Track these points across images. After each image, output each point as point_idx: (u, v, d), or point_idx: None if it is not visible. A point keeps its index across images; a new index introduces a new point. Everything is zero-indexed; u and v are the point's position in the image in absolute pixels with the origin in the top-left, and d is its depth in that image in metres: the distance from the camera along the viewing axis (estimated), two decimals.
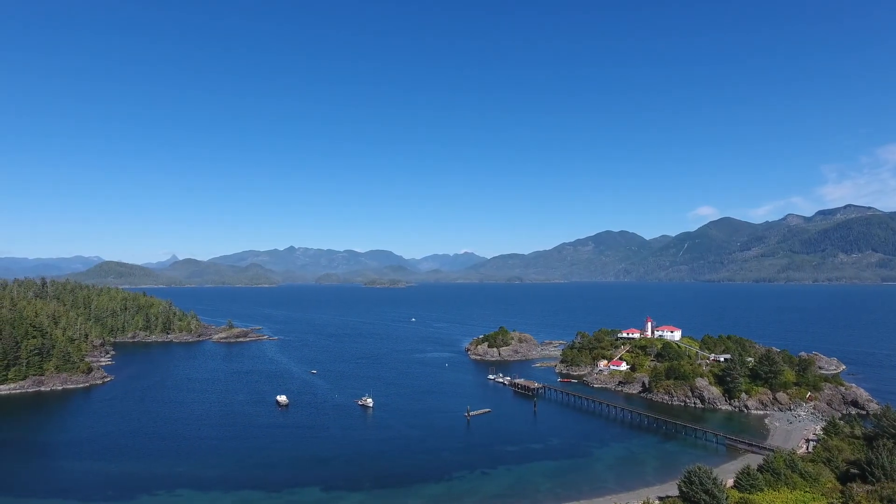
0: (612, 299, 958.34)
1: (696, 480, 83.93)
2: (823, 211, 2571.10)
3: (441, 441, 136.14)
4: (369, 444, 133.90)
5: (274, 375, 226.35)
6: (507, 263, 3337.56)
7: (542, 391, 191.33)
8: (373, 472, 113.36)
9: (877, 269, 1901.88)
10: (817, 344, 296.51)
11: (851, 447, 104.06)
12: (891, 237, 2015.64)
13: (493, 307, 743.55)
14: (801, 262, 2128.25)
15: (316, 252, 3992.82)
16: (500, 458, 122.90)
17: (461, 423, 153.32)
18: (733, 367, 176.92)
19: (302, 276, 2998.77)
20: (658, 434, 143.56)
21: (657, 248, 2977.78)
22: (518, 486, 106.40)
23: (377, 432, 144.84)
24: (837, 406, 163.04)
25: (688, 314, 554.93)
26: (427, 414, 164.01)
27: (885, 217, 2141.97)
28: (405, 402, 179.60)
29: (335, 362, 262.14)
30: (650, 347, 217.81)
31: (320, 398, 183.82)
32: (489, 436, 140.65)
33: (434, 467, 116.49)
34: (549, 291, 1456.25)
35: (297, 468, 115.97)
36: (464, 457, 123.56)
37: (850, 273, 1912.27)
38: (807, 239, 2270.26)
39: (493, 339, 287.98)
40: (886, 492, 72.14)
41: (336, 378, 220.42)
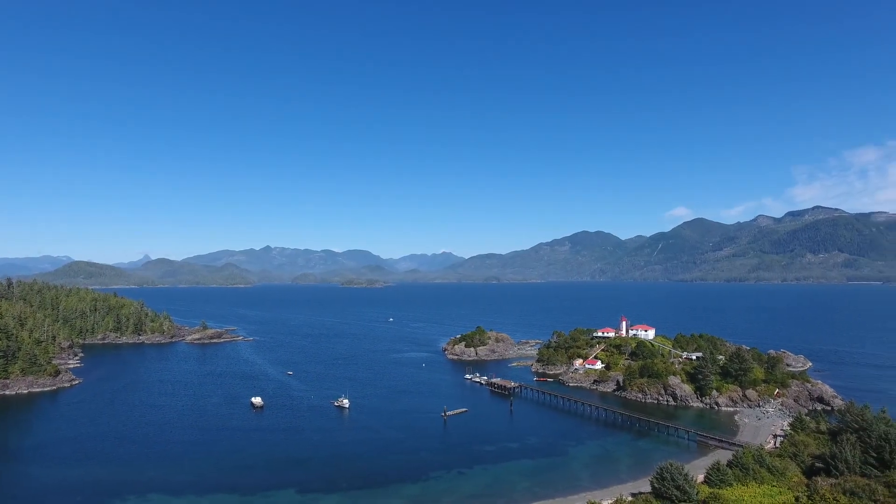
0: (587, 299, 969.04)
1: (667, 477, 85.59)
2: (793, 212, 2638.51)
3: (418, 441, 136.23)
4: (345, 445, 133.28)
5: (249, 377, 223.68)
6: (485, 263, 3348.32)
7: (519, 390, 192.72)
8: (349, 473, 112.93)
9: (843, 269, 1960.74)
10: (785, 342, 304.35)
11: (817, 442, 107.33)
12: (856, 238, 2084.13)
13: (470, 307, 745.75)
14: (771, 262, 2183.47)
15: (293, 252, 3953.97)
16: (478, 457, 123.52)
17: (438, 423, 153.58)
18: (705, 365, 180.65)
19: (278, 276, 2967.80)
20: (632, 432, 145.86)
21: (632, 249, 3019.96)
22: (495, 486, 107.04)
23: (353, 433, 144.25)
24: (804, 402, 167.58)
25: (661, 313, 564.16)
26: (404, 414, 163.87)
27: (851, 218, 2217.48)
28: (382, 402, 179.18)
29: (311, 363, 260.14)
30: (624, 346, 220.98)
31: (296, 399, 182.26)
32: (466, 435, 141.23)
33: (411, 467, 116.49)
34: (526, 291, 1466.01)
35: (273, 471, 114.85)
36: (441, 457, 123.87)
37: (817, 273, 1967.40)
38: (776, 239, 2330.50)
39: (471, 338, 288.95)
40: (849, 485, 74.53)
41: (312, 379, 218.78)
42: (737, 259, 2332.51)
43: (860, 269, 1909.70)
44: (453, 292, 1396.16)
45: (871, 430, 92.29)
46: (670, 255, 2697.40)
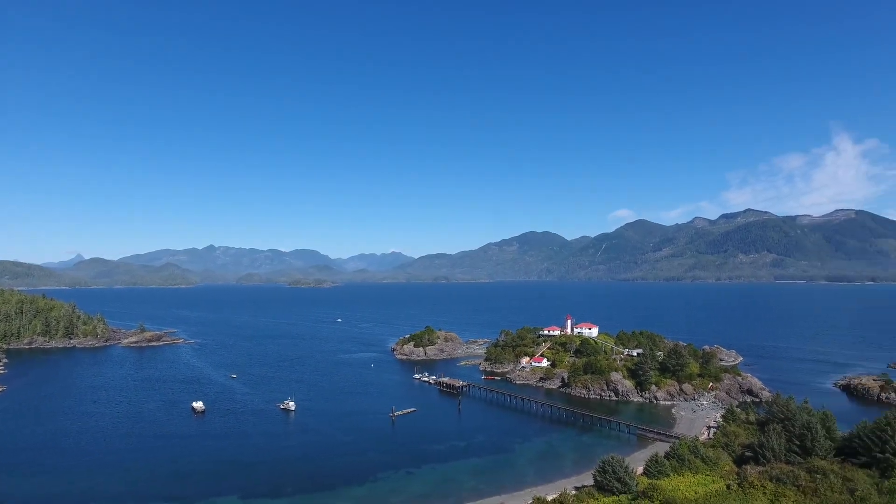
0: (535, 298, 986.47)
1: (609, 470, 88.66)
2: (726, 214, 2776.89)
3: (366, 442, 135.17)
4: (291, 448, 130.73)
5: (189, 381, 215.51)
6: (434, 263, 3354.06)
7: (467, 389, 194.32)
8: (295, 476, 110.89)
9: (771, 269, 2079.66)
10: (718, 338, 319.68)
11: (746, 432, 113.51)
12: (783, 239, 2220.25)
13: (419, 307, 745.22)
14: (706, 261, 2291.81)
15: (237, 251, 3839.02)
16: (426, 457, 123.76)
17: (386, 424, 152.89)
18: (645, 360, 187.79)
19: (222, 276, 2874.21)
20: (576, 427, 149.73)
21: (577, 249, 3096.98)
22: (443, 485, 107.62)
23: (300, 436, 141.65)
24: (735, 395, 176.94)
25: (605, 312, 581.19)
26: (351, 415, 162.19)
27: (778, 221, 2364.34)
28: (329, 404, 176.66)
29: (256, 365, 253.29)
30: (569, 344, 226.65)
31: (240, 403, 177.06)
32: (414, 435, 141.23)
33: (358, 469, 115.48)
34: (474, 291, 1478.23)
35: (215, 477, 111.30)
36: (389, 457, 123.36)
37: (747, 272, 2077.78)
38: (711, 240, 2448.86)
39: (420, 338, 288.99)
40: (775, 472, 79.38)
41: (257, 382, 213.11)
42: (675, 259, 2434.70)
43: (786, 269, 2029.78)
44: (402, 292, 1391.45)
45: (795, 420, 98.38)
46: (613, 256, 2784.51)
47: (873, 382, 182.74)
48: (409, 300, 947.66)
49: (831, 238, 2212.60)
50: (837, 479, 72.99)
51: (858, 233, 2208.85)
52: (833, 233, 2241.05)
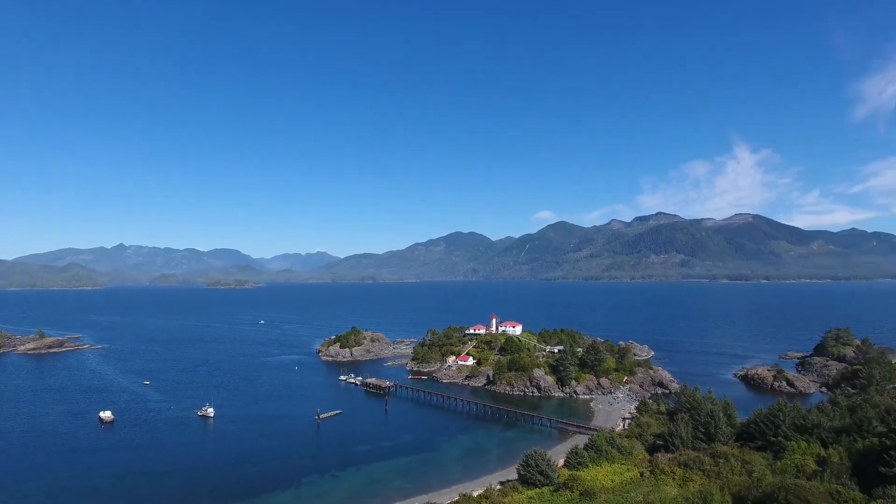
0: (461, 297, 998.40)
1: (532, 463, 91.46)
2: (640, 217, 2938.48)
3: (290, 447, 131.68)
4: (210, 456, 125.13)
5: (96, 390, 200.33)
6: (361, 263, 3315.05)
7: (394, 389, 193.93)
8: (213, 485, 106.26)
9: (679, 268, 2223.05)
10: (633, 334, 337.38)
11: (658, 422, 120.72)
12: (690, 241, 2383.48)
13: (346, 307, 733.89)
14: (622, 262, 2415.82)
15: (151, 250, 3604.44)
16: (352, 458, 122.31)
17: (311, 427, 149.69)
18: (565, 357, 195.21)
19: (134, 276, 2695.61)
20: (500, 423, 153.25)
21: (502, 249, 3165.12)
22: (369, 486, 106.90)
23: (219, 443, 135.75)
24: (647, 387, 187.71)
25: (528, 310, 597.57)
26: (275, 420, 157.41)
27: (686, 223, 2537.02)
28: (251, 409, 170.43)
29: (171, 371, 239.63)
30: (494, 342, 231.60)
31: (153, 411, 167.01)
32: (340, 437, 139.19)
33: (282, 474, 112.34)
34: (402, 291, 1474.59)
35: (125, 490, 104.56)
36: (314, 461, 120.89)
37: (658, 272, 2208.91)
38: (626, 241, 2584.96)
39: (346, 339, 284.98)
40: (683, 458, 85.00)
41: (172, 388, 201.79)
42: (593, 259, 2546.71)
43: (693, 269, 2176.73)
44: (328, 292, 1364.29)
45: (700, 409, 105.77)
46: (536, 256, 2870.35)
47: (767, 372, 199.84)
48: (335, 301, 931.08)
49: (731, 240, 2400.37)
50: (737, 461, 79.33)
51: (755, 235, 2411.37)
52: (733, 235, 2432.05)
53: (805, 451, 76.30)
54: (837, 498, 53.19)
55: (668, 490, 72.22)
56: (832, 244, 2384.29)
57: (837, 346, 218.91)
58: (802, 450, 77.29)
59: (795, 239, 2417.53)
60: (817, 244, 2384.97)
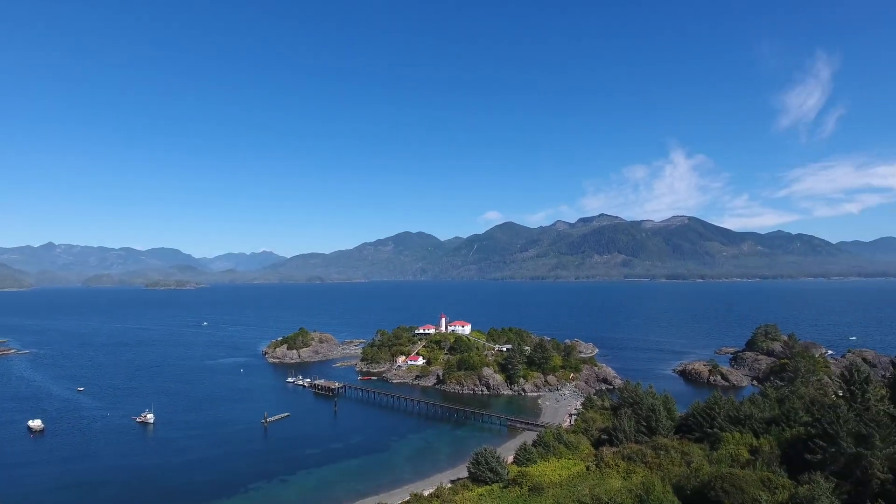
0: (410, 297, 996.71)
1: (482, 461, 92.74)
2: (584, 218, 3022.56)
3: (235, 452, 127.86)
4: (150, 464, 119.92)
5: (23, 397, 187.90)
6: (308, 263, 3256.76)
7: (343, 390, 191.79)
8: (154, 495, 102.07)
9: (621, 268, 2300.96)
10: (578, 332, 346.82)
11: (602, 417, 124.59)
12: (631, 242, 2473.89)
13: (293, 308, 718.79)
14: (567, 262, 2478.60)
15: (83, 250, 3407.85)
16: (300, 462, 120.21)
17: (258, 431, 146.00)
18: (514, 355, 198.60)
19: (64, 277, 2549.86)
20: (451, 422, 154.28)
21: (451, 249, 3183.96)
22: (319, 489, 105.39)
23: (160, 451, 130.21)
24: (593, 383, 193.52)
25: (477, 309, 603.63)
26: (219, 425, 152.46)
27: (627, 225, 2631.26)
28: (194, 414, 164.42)
29: (108, 376, 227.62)
30: (444, 342, 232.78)
31: (88, 419, 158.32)
32: (288, 441, 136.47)
33: (227, 481, 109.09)
34: (350, 291, 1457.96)
35: (56, 502, 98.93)
36: (261, 466, 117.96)
37: (601, 271, 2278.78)
38: (571, 242, 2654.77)
39: (293, 340, 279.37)
40: (626, 451, 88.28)
41: (109, 394, 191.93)
42: (540, 259, 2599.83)
43: (634, 268, 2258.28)
44: (275, 293, 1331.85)
45: (642, 404, 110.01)
46: (484, 256, 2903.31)
47: (703, 367, 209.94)
48: (282, 301, 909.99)
49: (669, 241, 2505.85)
50: (677, 453, 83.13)
51: (690, 236, 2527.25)
52: (671, 236, 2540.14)
53: (739, 442, 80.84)
54: (768, 485, 56.85)
55: (612, 482, 74.90)
56: (760, 245, 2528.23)
57: (766, 341, 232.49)
58: (736, 440, 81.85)
59: (727, 240, 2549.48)
60: (747, 245, 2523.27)
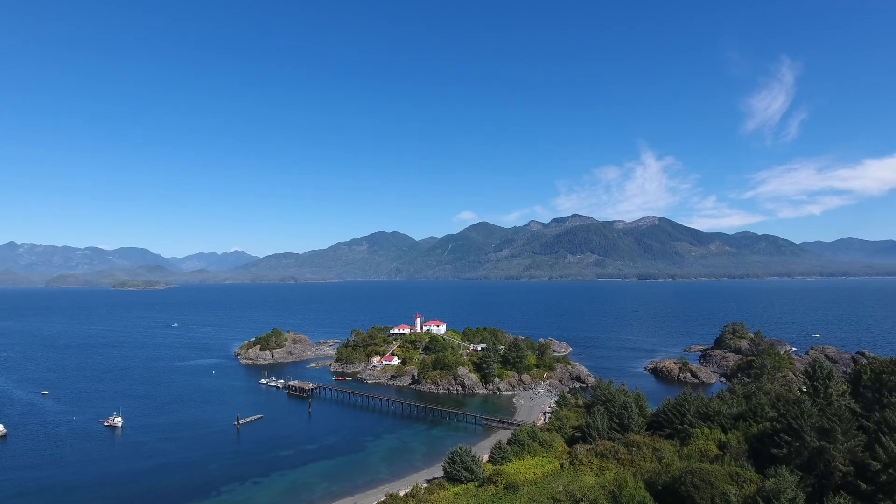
0: (385, 297, 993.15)
1: (457, 460, 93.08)
2: (557, 219, 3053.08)
3: (207, 455, 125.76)
4: (118, 468, 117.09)
5: None
6: (281, 263, 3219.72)
7: (317, 391, 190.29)
8: (123, 499, 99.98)
9: (593, 268, 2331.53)
10: (552, 331, 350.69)
11: (576, 415, 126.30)
12: (603, 242, 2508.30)
13: (266, 308, 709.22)
14: (541, 261, 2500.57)
15: (46, 249, 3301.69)
16: (274, 464, 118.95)
17: (230, 433, 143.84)
18: (488, 355, 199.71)
19: (27, 278, 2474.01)
20: (426, 422, 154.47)
21: (425, 249, 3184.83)
22: (293, 491, 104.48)
23: (129, 455, 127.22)
24: (566, 382, 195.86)
25: (451, 309, 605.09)
26: (191, 427, 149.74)
27: (599, 225, 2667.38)
28: (164, 417, 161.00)
29: (74, 379, 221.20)
30: (419, 342, 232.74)
31: (53, 423, 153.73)
32: (261, 443, 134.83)
33: (199, 484, 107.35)
34: (324, 291, 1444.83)
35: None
36: (233, 468, 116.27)
37: (575, 271, 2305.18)
38: (545, 242, 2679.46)
39: (266, 341, 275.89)
40: (600, 448, 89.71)
41: (75, 398, 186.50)
42: (514, 259, 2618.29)
43: (606, 268, 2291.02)
44: (247, 293, 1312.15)
45: (615, 401, 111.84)
46: (459, 256, 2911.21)
47: (673, 365, 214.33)
48: (255, 302, 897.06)
49: (640, 241, 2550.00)
50: (648, 449, 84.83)
51: (661, 237, 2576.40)
52: (642, 236, 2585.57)
53: (708, 437, 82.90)
54: (736, 479, 58.58)
55: (586, 479, 76.06)
56: (728, 245, 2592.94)
57: (734, 339, 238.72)
58: (705, 436, 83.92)
59: (696, 240, 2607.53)
60: (715, 245, 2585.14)
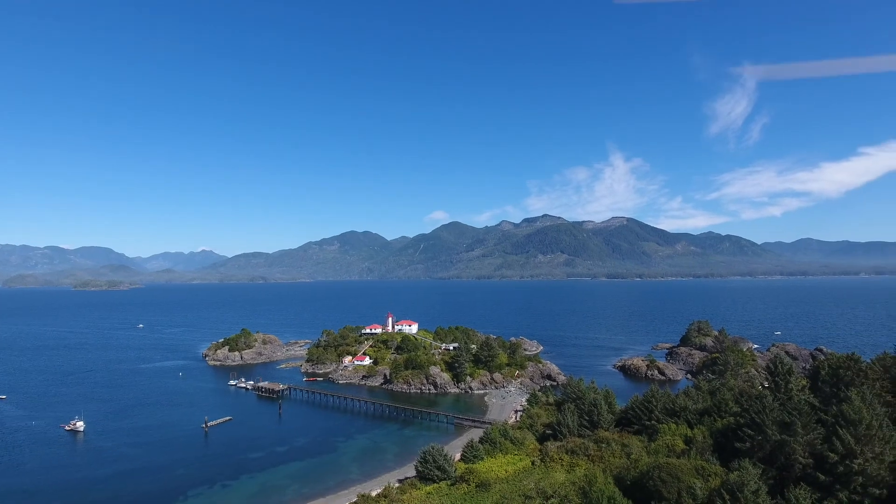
0: (356, 297, 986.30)
1: (429, 459, 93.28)
2: (528, 219, 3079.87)
3: (173, 459, 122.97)
4: (81, 474, 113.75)
5: None
6: (251, 262, 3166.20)
7: (288, 392, 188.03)
8: None
9: (564, 268, 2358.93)
10: (523, 329, 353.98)
11: (547, 412, 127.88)
12: (572, 241, 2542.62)
13: (234, 309, 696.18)
14: (512, 261, 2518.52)
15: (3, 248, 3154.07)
16: (243, 467, 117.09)
17: (198, 436, 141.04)
18: (460, 354, 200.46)
19: None
20: (398, 422, 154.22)
21: (397, 249, 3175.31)
22: (263, 494, 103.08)
23: (91, 460, 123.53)
24: (537, 380, 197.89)
25: (423, 309, 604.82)
26: (156, 430, 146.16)
27: (569, 225, 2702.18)
28: (128, 420, 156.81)
29: (32, 383, 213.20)
30: (391, 341, 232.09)
31: (11, 429, 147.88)
32: (230, 445, 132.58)
33: (165, 488, 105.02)
34: (294, 291, 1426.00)
35: None
36: (201, 472, 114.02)
37: (545, 270, 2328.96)
38: (516, 242, 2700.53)
39: (235, 341, 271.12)
40: (570, 445, 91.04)
41: (34, 402, 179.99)
42: (485, 259, 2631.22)
43: (576, 268, 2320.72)
44: (216, 293, 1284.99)
45: (585, 399, 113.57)
46: (431, 255, 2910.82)
47: (641, 362, 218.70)
48: (224, 302, 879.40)
49: (609, 241, 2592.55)
50: (617, 445, 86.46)
51: (629, 237, 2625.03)
52: (610, 236, 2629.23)
53: (675, 433, 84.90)
54: (702, 472, 60.24)
55: (557, 476, 77.15)
56: (693, 245, 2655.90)
57: (699, 336, 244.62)
58: (672, 431, 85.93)
59: (663, 240, 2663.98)
60: (681, 245, 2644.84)
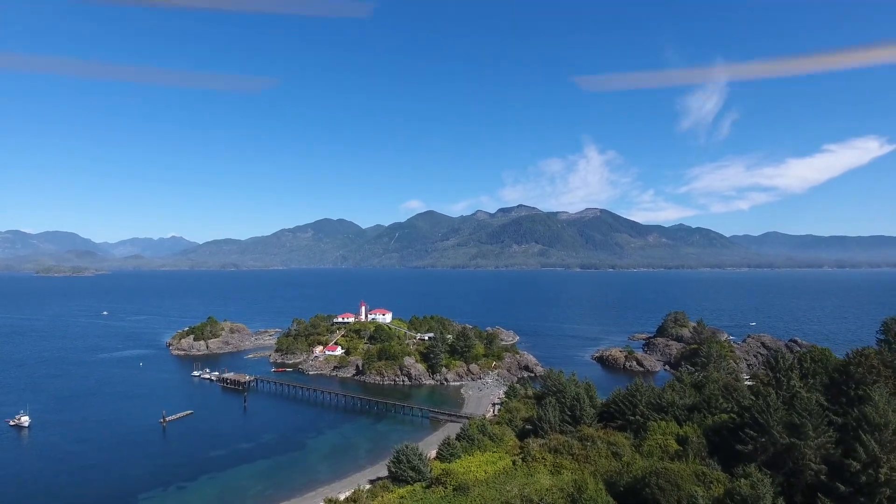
0: (329, 285, 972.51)
1: (403, 459, 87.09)
2: (503, 209, 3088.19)
3: (126, 457, 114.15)
4: (23, 474, 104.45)
5: None
6: (222, 249, 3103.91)
7: (255, 384, 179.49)
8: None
9: (538, 258, 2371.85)
10: (499, 319, 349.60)
11: (526, 406, 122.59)
12: (547, 232, 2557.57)
13: (203, 296, 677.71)
14: (487, 251, 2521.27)
15: None
16: (203, 466, 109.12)
17: (155, 432, 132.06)
18: (436, 344, 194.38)
19: None
20: (370, 415, 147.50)
21: (372, 237, 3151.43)
22: (223, 496, 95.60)
23: (37, 457, 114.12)
24: (515, 371, 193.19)
25: (398, 298, 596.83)
26: (110, 425, 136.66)
27: (543, 216, 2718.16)
28: (79, 414, 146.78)
29: None
30: (364, 331, 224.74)
31: None
32: (190, 442, 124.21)
33: (115, 490, 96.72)
34: (266, 278, 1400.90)
35: None
36: (156, 472, 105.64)
37: (520, 260, 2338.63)
38: (491, 232, 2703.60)
39: (201, 330, 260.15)
40: (553, 443, 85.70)
41: None
42: (460, 248, 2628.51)
43: (550, 258, 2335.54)
44: (185, 281, 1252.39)
45: (566, 392, 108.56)
46: (406, 244, 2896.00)
47: (620, 353, 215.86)
48: (192, 289, 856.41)
49: (583, 232, 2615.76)
50: (603, 444, 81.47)
51: (602, 228, 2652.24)
52: (584, 227, 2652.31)
53: (665, 431, 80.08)
54: (703, 479, 55.16)
55: (542, 480, 71.45)
56: (664, 237, 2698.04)
57: (676, 327, 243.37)
58: (662, 429, 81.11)
59: (635, 232, 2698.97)
60: (653, 237, 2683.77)
